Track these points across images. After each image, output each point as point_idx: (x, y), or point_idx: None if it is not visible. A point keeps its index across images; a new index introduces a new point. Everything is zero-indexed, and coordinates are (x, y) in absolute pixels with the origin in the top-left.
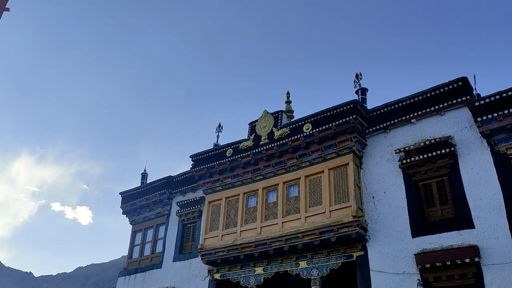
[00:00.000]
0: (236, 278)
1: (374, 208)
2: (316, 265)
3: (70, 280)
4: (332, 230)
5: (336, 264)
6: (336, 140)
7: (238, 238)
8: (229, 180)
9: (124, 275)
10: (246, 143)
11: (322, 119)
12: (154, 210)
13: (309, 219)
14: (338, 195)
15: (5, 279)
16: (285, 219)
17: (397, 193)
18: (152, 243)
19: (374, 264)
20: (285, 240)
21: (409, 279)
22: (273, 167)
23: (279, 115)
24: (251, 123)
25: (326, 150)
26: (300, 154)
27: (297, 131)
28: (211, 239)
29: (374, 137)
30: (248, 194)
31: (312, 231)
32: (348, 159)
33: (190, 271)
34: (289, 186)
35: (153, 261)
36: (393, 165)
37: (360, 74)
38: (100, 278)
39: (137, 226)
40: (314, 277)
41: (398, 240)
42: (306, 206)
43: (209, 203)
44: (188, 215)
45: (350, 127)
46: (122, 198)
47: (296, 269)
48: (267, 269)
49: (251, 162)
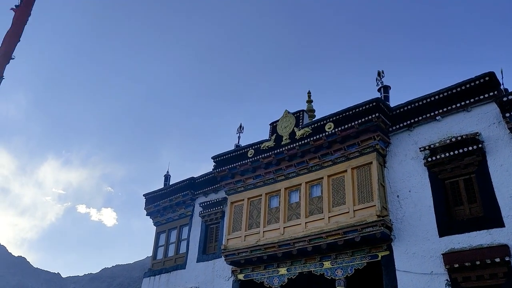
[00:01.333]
0: (259, 278)
1: (399, 207)
2: (340, 265)
3: (96, 281)
4: (356, 230)
5: (360, 264)
6: (359, 138)
7: (261, 238)
8: (251, 180)
9: (149, 275)
10: (267, 144)
11: (345, 117)
12: (177, 211)
13: (333, 219)
14: (362, 194)
15: (34, 280)
16: (308, 219)
17: (422, 191)
18: (176, 244)
19: (400, 264)
20: (309, 240)
21: (437, 280)
22: (295, 167)
23: (300, 114)
24: (272, 123)
25: (349, 149)
26: (322, 153)
27: (319, 131)
28: (234, 239)
29: (398, 135)
30: (270, 195)
31: (336, 231)
32: (372, 158)
33: (213, 271)
34: (312, 186)
35: (177, 261)
36: (418, 163)
37: (382, 72)
38: (126, 279)
39: (161, 227)
40: (339, 277)
41: (425, 240)
42: (330, 206)
43: (231, 204)
44: (211, 216)
45: (373, 125)
46: (145, 200)
47: (320, 269)
48: (291, 269)
49: (273, 163)
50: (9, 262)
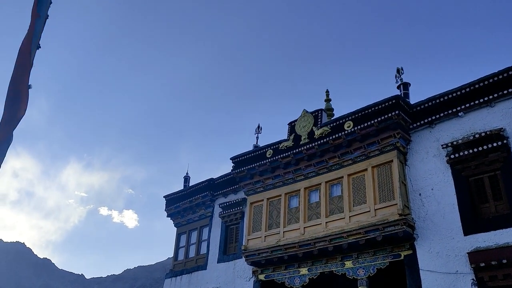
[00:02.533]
0: (280, 278)
1: (422, 206)
2: (362, 265)
3: (119, 282)
4: (378, 229)
5: (383, 263)
6: (379, 137)
7: (281, 238)
8: (270, 181)
9: (170, 276)
10: (286, 144)
11: (364, 116)
12: (197, 212)
13: (354, 218)
14: (383, 193)
15: (59, 281)
16: (329, 218)
17: (445, 189)
18: (196, 245)
19: (424, 264)
20: (330, 240)
21: (462, 279)
22: (314, 166)
23: (319, 113)
24: (291, 123)
25: (368, 148)
26: (342, 152)
27: (338, 129)
28: (254, 240)
29: (419, 132)
30: (289, 195)
31: (357, 231)
32: (392, 156)
33: (234, 272)
34: (332, 186)
35: (198, 262)
36: (440, 160)
37: (402, 69)
38: (148, 280)
39: (182, 229)
40: (361, 277)
41: (449, 239)
42: (350, 205)
43: (251, 204)
44: (230, 217)
45: (393, 123)
46: (166, 201)
47: (342, 269)
48: (312, 269)
49: (291, 163)
50: (35, 264)
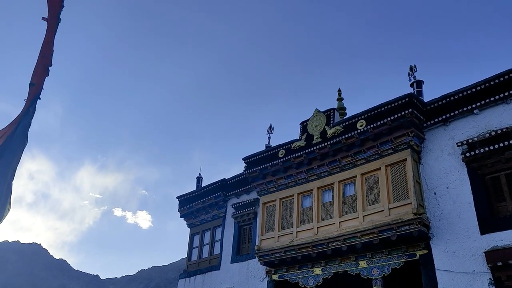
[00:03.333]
0: (294, 278)
1: (437, 205)
2: (376, 265)
3: (133, 282)
4: (392, 228)
5: (398, 263)
6: (392, 135)
7: (294, 238)
8: (282, 181)
9: (184, 277)
10: (298, 143)
11: (377, 114)
12: (210, 213)
13: (367, 217)
14: (397, 192)
15: (75, 281)
16: (342, 218)
17: (461, 188)
18: (210, 245)
19: (439, 263)
20: (343, 240)
21: (479, 279)
22: (327, 166)
23: (331, 113)
24: (303, 122)
25: (382, 147)
26: (355, 151)
27: (351, 128)
28: (268, 240)
29: (433, 130)
30: (302, 195)
31: (371, 230)
32: (406, 155)
33: (248, 272)
34: (345, 185)
35: (211, 263)
36: (455, 159)
37: (415, 67)
38: (162, 280)
39: (195, 229)
40: (375, 277)
41: (465, 238)
42: (364, 205)
43: (263, 205)
44: (243, 217)
45: (406, 121)
46: (179, 202)
47: (356, 269)
48: (325, 269)
49: (304, 162)
50: (51, 265)
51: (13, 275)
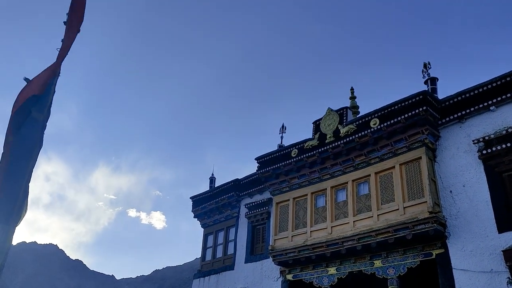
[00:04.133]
0: (308, 278)
1: (453, 203)
2: (392, 264)
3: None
4: (408, 227)
5: (414, 262)
6: (406, 133)
7: (308, 238)
8: (295, 180)
9: (198, 277)
10: (311, 143)
11: (390, 112)
12: (223, 213)
13: (382, 216)
14: (412, 190)
15: (91, 282)
16: (357, 217)
17: (478, 186)
18: (223, 245)
19: (456, 262)
20: (358, 239)
21: (497, 278)
22: (340, 165)
23: (344, 111)
24: (315, 121)
25: (396, 145)
26: (368, 150)
27: (364, 127)
28: (281, 240)
29: (448, 128)
30: (316, 194)
31: (386, 229)
32: (421, 153)
33: (262, 272)
34: (359, 184)
35: (225, 263)
36: (472, 156)
37: (429, 64)
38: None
39: (208, 229)
40: (391, 276)
41: (483, 236)
42: (378, 204)
43: (276, 204)
44: (256, 217)
45: (420, 119)
46: (192, 203)
47: (371, 268)
48: (340, 269)
49: (317, 162)
50: (67, 265)
51: (31, 276)
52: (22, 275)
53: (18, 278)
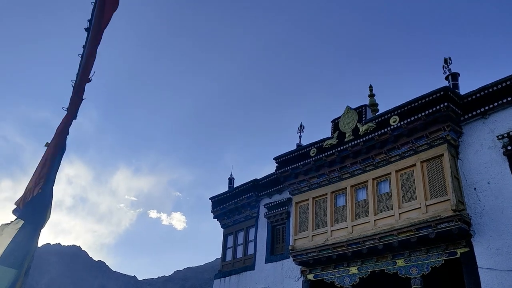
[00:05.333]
0: (330, 278)
1: (477, 201)
2: (415, 263)
3: (169, 283)
4: (430, 226)
5: (437, 261)
6: (427, 130)
7: (329, 238)
8: (315, 180)
9: (219, 277)
10: (330, 141)
11: (410, 110)
12: (243, 213)
13: (404, 215)
14: (434, 188)
15: (113, 282)
16: (378, 216)
17: (503, 182)
18: (243, 246)
19: (482, 261)
20: (379, 238)
21: None
22: (360, 163)
23: (363, 109)
24: (334, 120)
25: (416, 142)
26: (388, 148)
27: (384, 125)
28: (302, 239)
29: (471, 124)
30: (336, 193)
31: (408, 228)
32: (443, 150)
33: (282, 272)
34: (379, 182)
35: (246, 263)
36: (496, 152)
37: (450, 59)
38: (197, 280)
39: (228, 230)
40: (414, 275)
41: (509, 234)
42: (400, 202)
43: (296, 204)
44: (276, 217)
45: (442, 115)
46: (212, 203)
47: (393, 267)
48: (362, 268)
49: (336, 160)
50: (90, 266)
51: (56, 276)
52: (47, 276)
53: (44, 278)
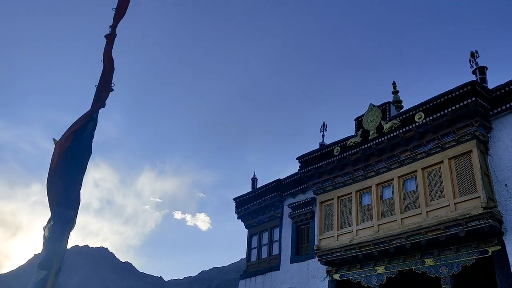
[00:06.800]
0: (356, 278)
1: (509, 197)
2: (444, 263)
3: (195, 284)
4: (460, 224)
5: (468, 261)
6: (454, 126)
7: (354, 237)
8: (339, 179)
9: (244, 277)
10: (353, 140)
11: (436, 105)
12: (267, 213)
13: (431, 213)
14: (463, 185)
15: (140, 283)
16: (404, 215)
17: None
18: (268, 246)
19: None
20: (406, 237)
21: None
22: (385, 161)
23: (386, 107)
24: (357, 118)
25: (443, 139)
26: (414, 145)
27: (409, 122)
28: (327, 239)
29: (501, 118)
30: (361, 192)
31: (436, 226)
32: (471, 146)
33: (308, 272)
34: (405, 180)
35: (271, 263)
36: None
37: (476, 52)
38: (223, 281)
39: (253, 230)
40: (444, 275)
41: None
42: (427, 200)
43: (320, 204)
44: (300, 217)
45: (469, 111)
46: (236, 204)
47: (422, 267)
48: (389, 268)
49: (361, 159)
50: (117, 268)
51: (85, 278)
52: (76, 277)
53: (73, 280)
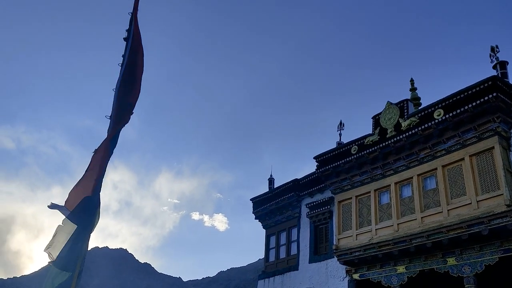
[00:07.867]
0: (376, 277)
1: None
2: (467, 262)
3: (214, 284)
4: (483, 222)
5: (492, 259)
6: (475, 123)
7: (374, 236)
8: (357, 178)
9: (263, 278)
10: (371, 138)
11: (455, 102)
12: (284, 213)
13: (453, 211)
14: (485, 183)
15: (159, 283)
16: (424, 213)
17: None
18: (286, 246)
19: None
20: (427, 236)
21: None
22: (404, 159)
23: (404, 104)
24: (375, 116)
25: (464, 136)
26: (433, 143)
27: (427, 119)
28: (346, 239)
29: None
30: (379, 191)
31: (458, 225)
32: (493, 142)
33: (327, 272)
34: (425, 178)
35: (289, 263)
36: None
37: (497, 47)
38: (241, 281)
39: (270, 230)
40: (467, 274)
41: None
42: (448, 198)
43: (339, 203)
44: (318, 216)
45: (491, 106)
46: (253, 204)
47: (444, 266)
48: (410, 267)
49: (379, 157)
50: (137, 268)
51: (105, 279)
52: (97, 279)
53: (94, 281)
